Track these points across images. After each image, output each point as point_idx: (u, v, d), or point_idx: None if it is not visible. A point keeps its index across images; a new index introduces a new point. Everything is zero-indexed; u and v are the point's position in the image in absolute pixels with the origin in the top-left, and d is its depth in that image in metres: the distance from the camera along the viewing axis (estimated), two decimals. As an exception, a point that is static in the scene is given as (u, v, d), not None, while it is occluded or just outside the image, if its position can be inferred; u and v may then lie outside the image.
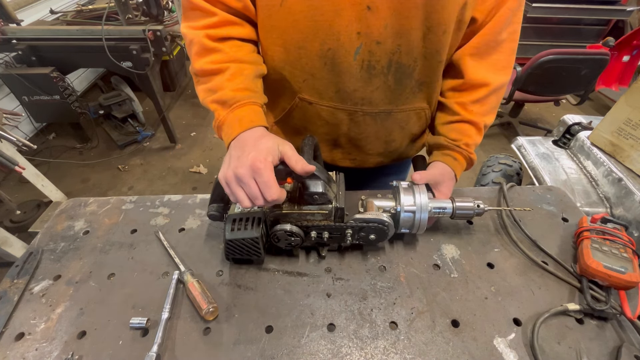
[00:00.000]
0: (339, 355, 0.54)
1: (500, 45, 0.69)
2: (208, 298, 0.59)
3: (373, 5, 0.59)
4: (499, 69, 0.71)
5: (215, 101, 0.63)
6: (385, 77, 0.69)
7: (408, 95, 0.73)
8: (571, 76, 2.28)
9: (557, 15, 3.43)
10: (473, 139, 0.74)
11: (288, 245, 0.65)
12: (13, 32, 2.23)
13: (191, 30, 0.65)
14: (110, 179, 2.59)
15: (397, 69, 0.68)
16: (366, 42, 0.63)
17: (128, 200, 0.83)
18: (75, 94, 2.47)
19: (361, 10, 0.59)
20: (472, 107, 0.73)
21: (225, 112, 0.62)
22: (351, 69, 0.67)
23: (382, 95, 0.72)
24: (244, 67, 0.65)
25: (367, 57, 0.65)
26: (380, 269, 0.68)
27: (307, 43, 0.65)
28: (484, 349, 0.55)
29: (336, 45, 0.64)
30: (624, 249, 0.64)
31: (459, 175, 0.74)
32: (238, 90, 0.62)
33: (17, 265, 0.67)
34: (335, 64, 0.66)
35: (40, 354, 0.54)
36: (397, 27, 0.62)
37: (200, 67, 0.65)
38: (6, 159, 1.64)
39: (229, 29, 0.65)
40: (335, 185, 0.65)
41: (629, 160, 1.20)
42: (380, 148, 0.84)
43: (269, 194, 0.52)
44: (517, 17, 0.67)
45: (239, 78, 0.64)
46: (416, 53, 0.66)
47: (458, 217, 0.68)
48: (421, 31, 0.63)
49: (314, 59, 0.67)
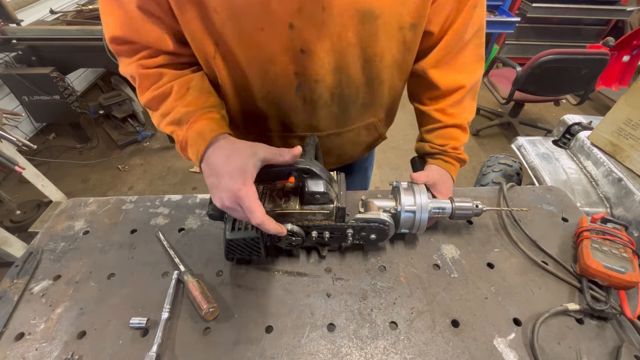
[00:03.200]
0: (339, 355, 0.54)
1: (465, 47, 0.68)
2: (208, 298, 0.59)
3: (306, 48, 0.58)
4: (469, 65, 0.70)
5: (170, 123, 0.59)
6: (329, 108, 0.70)
7: (354, 116, 0.75)
8: (571, 76, 2.28)
9: (557, 15, 3.44)
10: (460, 140, 0.75)
11: (289, 245, 0.65)
12: (13, 32, 2.23)
13: (126, 67, 0.61)
14: (110, 179, 2.59)
15: (340, 99, 0.68)
16: (304, 81, 0.63)
17: (128, 200, 0.83)
18: (75, 94, 2.47)
19: (295, 54, 0.59)
20: (452, 110, 0.73)
21: (183, 130, 0.58)
22: (294, 104, 0.67)
23: (329, 122, 0.73)
24: (188, 79, 0.62)
25: (308, 94, 0.66)
26: (380, 269, 0.68)
27: (248, 87, 0.65)
28: (484, 349, 0.55)
29: (274, 88, 0.64)
30: (624, 249, 0.64)
31: (454, 175, 0.75)
32: (189, 105, 0.58)
33: (17, 265, 0.67)
34: (278, 103, 0.67)
35: (40, 354, 0.54)
36: (334, 65, 0.62)
37: (148, 98, 0.60)
38: (6, 159, 1.64)
39: (163, 57, 0.60)
40: (336, 185, 0.65)
41: (629, 160, 1.20)
42: (334, 159, 0.86)
43: (254, 219, 0.50)
44: (477, 17, 0.65)
45: (187, 93, 0.60)
46: (358, 82, 0.66)
47: (457, 217, 0.68)
48: (359, 64, 0.63)
49: (257, 99, 0.67)
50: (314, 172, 0.58)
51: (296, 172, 0.58)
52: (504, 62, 2.56)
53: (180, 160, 2.76)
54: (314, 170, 0.57)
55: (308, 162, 0.58)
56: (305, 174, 0.58)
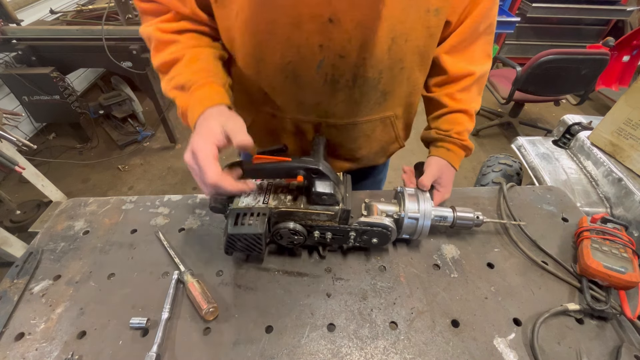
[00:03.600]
0: (339, 355, 0.54)
1: (477, 39, 0.70)
2: (208, 298, 0.59)
3: (335, 17, 0.56)
4: (479, 58, 0.73)
5: (175, 87, 0.62)
6: (349, 91, 0.67)
7: (373, 106, 0.73)
8: (571, 76, 2.28)
9: (557, 15, 3.44)
10: (464, 125, 0.75)
11: (290, 243, 0.65)
12: (13, 32, 2.22)
13: (146, 27, 0.64)
14: (110, 179, 2.59)
15: (362, 82, 0.66)
16: (329, 55, 0.61)
17: (128, 200, 0.83)
18: (75, 94, 2.47)
19: (322, 23, 0.57)
20: (460, 95, 0.74)
21: (186, 96, 0.60)
22: (314, 82, 0.65)
23: (347, 108, 0.71)
24: (200, 51, 0.64)
25: (330, 71, 0.64)
26: (380, 269, 0.67)
27: (267, 56, 0.64)
28: (484, 349, 0.55)
29: (297, 59, 0.62)
30: (624, 249, 0.64)
31: (457, 164, 0.75)
32: (195, 73, 0.61)
33: (17, 265, 0.67)
34: (297, 77, 0.65)
35: (40, 354, 0.54)
36: (362, 40, 0.59)
37: (160, 60, 0.63)
38: (6, 159, 1.64)
39: (183, 23, 0.63)
40: (342, 187, 0.64)
41: (629, 160, 1.20)
42: (347, 155, 0.84)
43: (207, 178, 0.50)
44: (492, 12, 0.68)
45: (196, 62, 0.62)
46: (381, 65, 0.64)
47: (458, 226, 0.69)
48: (386, 44, 0.61)
49: (275, 72, 0.65)
50: (322, 173, 0.58)
51: (304, 172, 0.58)
52: (504, 62, 2.56)
53: (180, 160, 2.76)
54: (322, 171, 0.57)
55: (317, 162, 0.58)
56: (314, 174, 0.58)
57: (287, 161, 0.58)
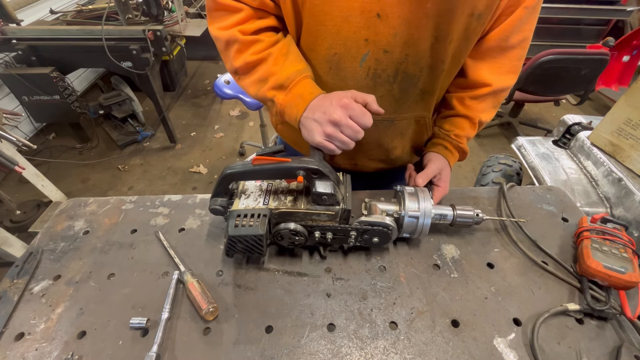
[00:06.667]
0: (339, 355, 0.54)
1: (507, 51, 0.69)
2: (208, 298, 0.59)
3: (383, 13, 0.58)
4: (503, 73, 0.72)
5: (272, 88, 0.65)
6: (390, 86, 0.69)
7: (411, 104, 0.74)
8: (571, 76, 2.28)
9: (557, 15, 3.43)
10: (465, 131, 0.76)
11: (291, 244, 0.65)
12: (13, 32, 2.22)
13: (222, 30, 0.66)
14: (110, 179, 2.59)
15: (403, 78, 0.68)
16: (373, 49, 0.63)
17: (128, 200, 0.83)
18: (75, 94, 2.47)
19: (370, 18, 0.59)
20: (470, 102, 0.74)
21: (284, 94, 0.64)
22: (356, 75, 0.67)
23: (386, 104, 0.71)
24: (281, 46, 0.67)
25: (373, 65, 0.65)
26: (380, 269, 0.67)
27: (316, 46, 0.66)
28: (484, 349, 0.55)
29: (342, 51, 0.64)
30: (624, 249, 0.64)
31: (452, 164, 0.76)
32: (289, 70, 0.64)
33: (17, 265, 0.67)
34: (340, 69, 0.67)
35: (40, 354, 0.54)
36: (406, 37, 0.61)
37: (243, 61, 0.66)
38: (6, 159, 1.64)
39: (258, 22, 0.66)
40: (343, 187, 0.65)
41: (629, 160, 1.20)
42: (381, 155, 0.85)
43: (367, 120, 0.57)
44: (527, 26, 0.66)
45: (283, 59, 0.65)
46: (423, 63, 0.66)
47: (458, 224, 0.69)
48: (429, 41, 0.62)
49: (321, 62, 0.68)
50: (322, 173, 0.58)
51: (304, 172, 0.58)
52: (504, 62, 2.56)
53: (180, 160, 2.76)
54: (322, 171, 0.57)
55: (317, 162, 0.58)
56: (314, 174, 0.58)
57: (287, 162, 0.58)
